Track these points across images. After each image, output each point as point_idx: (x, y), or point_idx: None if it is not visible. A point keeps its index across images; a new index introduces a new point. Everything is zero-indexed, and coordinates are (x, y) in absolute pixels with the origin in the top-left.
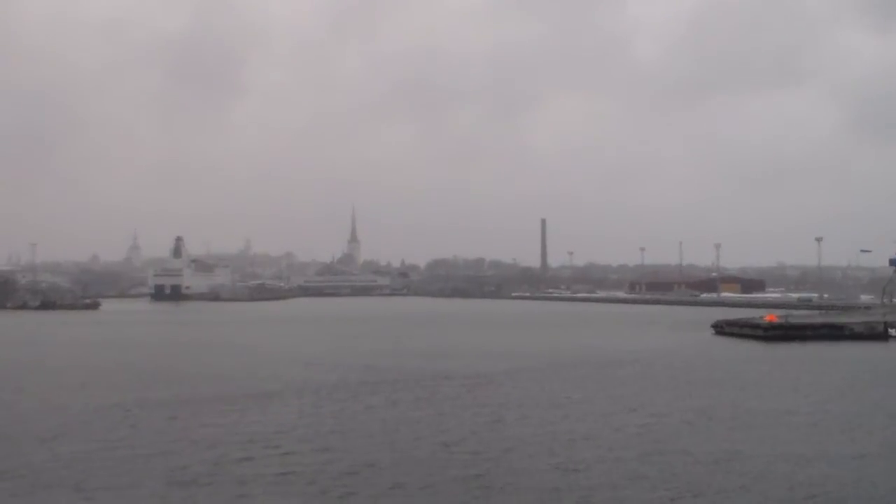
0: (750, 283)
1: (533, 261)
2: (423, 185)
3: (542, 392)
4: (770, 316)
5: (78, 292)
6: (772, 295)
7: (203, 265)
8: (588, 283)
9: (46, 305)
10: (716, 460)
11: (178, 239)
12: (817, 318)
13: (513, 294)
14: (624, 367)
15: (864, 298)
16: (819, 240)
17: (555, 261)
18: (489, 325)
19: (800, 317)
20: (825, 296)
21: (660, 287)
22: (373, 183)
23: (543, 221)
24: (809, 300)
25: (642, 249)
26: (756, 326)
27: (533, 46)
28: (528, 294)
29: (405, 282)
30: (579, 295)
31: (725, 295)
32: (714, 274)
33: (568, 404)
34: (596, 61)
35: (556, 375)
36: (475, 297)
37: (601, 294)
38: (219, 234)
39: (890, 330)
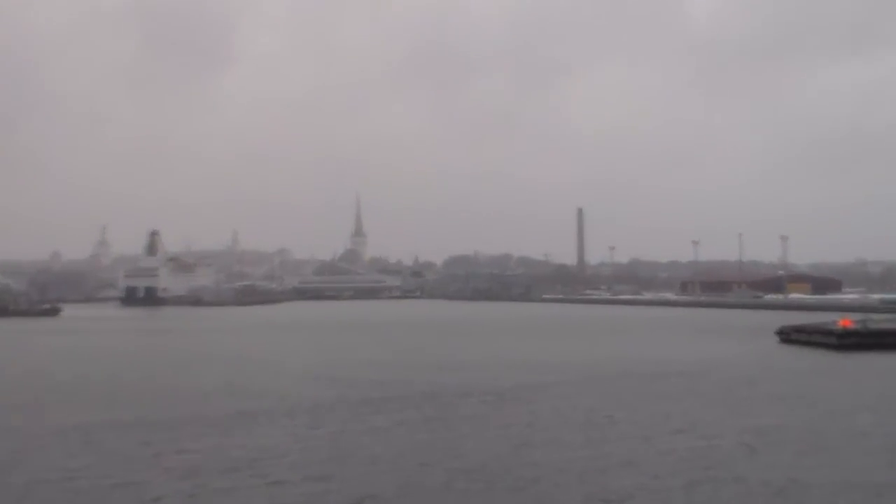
0: (823, 282)
1: (568, 257)
2: (439, 170)
3: (575, 410)
4: (845, 321)
5: (35, 296)
6: (849, 296)
7: (182, 264)
8: (633, 284)
9: None
10: (777, 490)
11: (154, 233)
12: None
13: (544, 296)
14: (672, 381)
15: None
16: None
17: (594, 257)
18: (516, 332)
19: (881, 321)
20: None
21: (716, 287)
22: (381, 167)
23: (580, 211)
24: (894, 302)
25: (695, 243)
26: (829, 333)
27: (564, 6)
28: (562, 296)
29: (418, 282)
30: (622, 297)
31: (794, 296)
32: (780, 272)
33: (606, 424)
34: (641, 23)
35: (593, 390)
36: (501, 300)
37: (648, 296)
38: (201, 227)
39: None
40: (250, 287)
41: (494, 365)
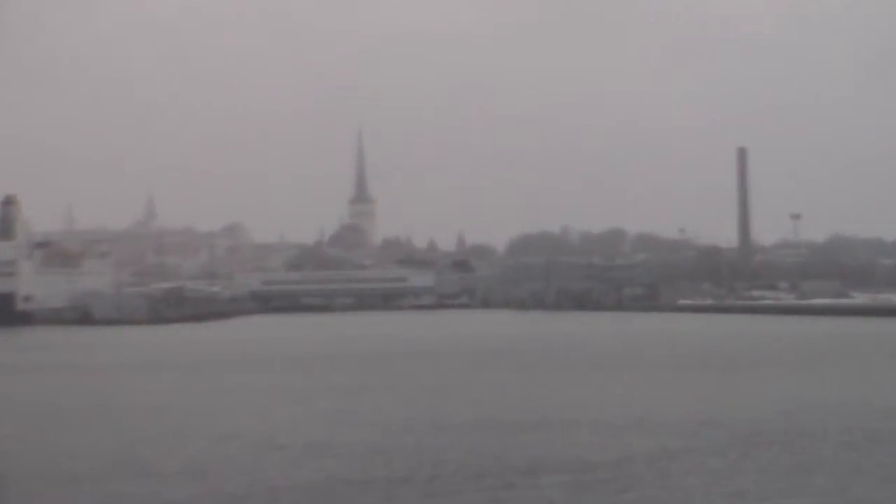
0: None
1: (722, 235)
2: (500, 92)
3: (716, 494)
4: None
5: None
6: None
7: (60, 253)
8: (834, 278)
9: None
10: None
11: (8, 201)
12: None
13: (681, 301)
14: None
15: None
16: None
17: (766, 234)
18: (627, 365)
19: None
20: None
21: None
22: (400, 88)
23: (742, 153)
24: None
25: None
26: None
27: None
28: (711, 301)
29: (464, 280)
30: (815, 302)
31: None
32: None
33: None
34: None
35: (751, 461)
36: (605, 309)
37: (860, 298)
38: (91, 190)
39: None
40: (176, 292)
41: (585, 422)
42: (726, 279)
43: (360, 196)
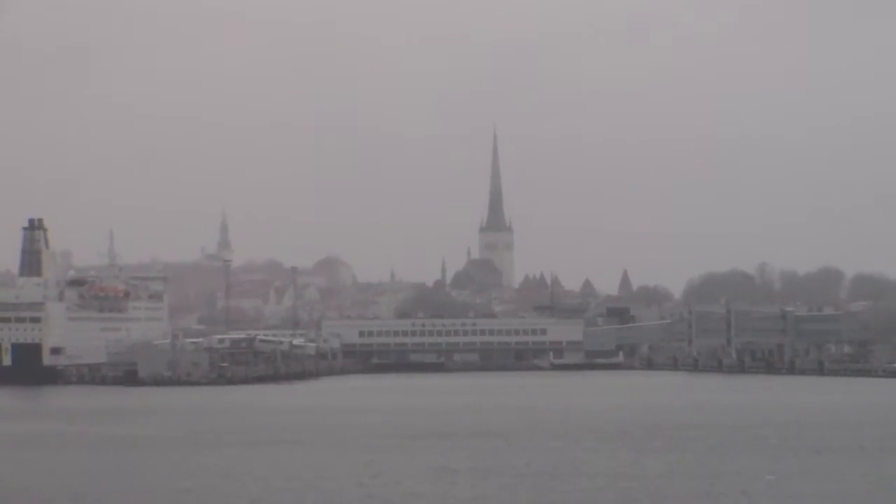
0: None
1: None
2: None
3: None
4: None
5: None
6: None
7: (99, 293)
8: None
9: None
10: None
11: (36, 226)
12: None
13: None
14: None
15: None
16: None
17: None
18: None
19: None
20: None
21: None
22: (544, 83)
23: None
24: None
25: None
26: None
27: None
28: None
29: (622, 333)
30: None
31: None
32: None
33: None
34: None
35: None
36: (800, 372)
37: None
38: (141, 214)
39: None
40: (246, 344)
41: None
42: None
43: (495, 223)
